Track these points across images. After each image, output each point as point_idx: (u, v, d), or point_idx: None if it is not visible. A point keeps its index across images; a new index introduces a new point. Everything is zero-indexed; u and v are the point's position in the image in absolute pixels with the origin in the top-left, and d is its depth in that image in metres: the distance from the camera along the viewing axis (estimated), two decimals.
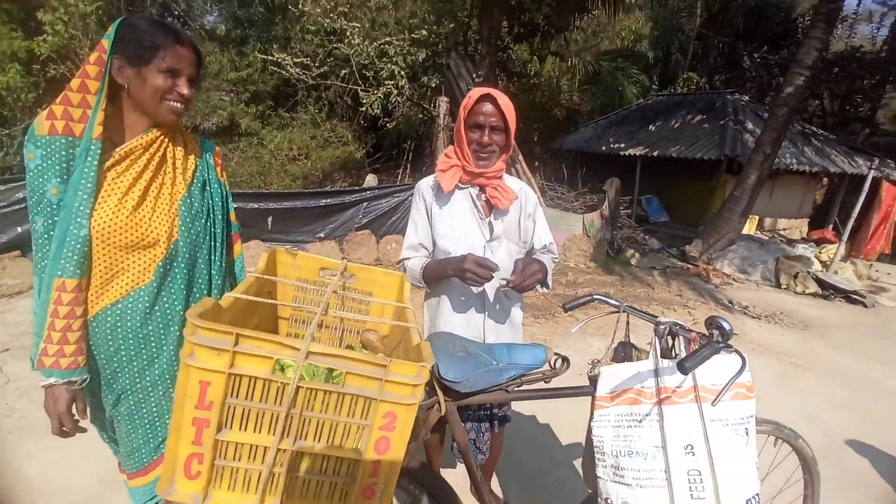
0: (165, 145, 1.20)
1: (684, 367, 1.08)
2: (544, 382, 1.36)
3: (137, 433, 1.22)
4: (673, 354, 1.45)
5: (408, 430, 0.89)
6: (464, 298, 1.60)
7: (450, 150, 1.63)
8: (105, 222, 1.10)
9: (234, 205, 1.43)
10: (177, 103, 1.14)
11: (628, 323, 1.64)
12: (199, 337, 0.80)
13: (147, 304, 1.17)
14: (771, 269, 7.20)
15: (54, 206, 1.08)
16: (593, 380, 1.47)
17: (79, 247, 1.06)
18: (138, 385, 1.20)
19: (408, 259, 1.65)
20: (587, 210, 8.10)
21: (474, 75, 7.88)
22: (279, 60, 9.04)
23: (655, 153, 10.52)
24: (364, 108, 9.04)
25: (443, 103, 7.13)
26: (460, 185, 1.60)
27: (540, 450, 2.63)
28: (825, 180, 12.60)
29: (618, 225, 8.33)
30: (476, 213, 1.60)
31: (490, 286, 1.57)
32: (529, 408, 2.95)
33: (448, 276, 1.50)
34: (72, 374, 1.09)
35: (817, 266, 7.56)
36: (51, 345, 1.06)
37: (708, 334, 1.29)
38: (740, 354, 1.22)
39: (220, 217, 1.34)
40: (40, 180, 1.06)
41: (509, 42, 10.21)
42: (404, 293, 1.34)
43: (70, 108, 1.07)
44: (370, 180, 8.85)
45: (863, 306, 6.41)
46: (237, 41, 11.56)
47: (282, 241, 5.66)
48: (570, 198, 8.87)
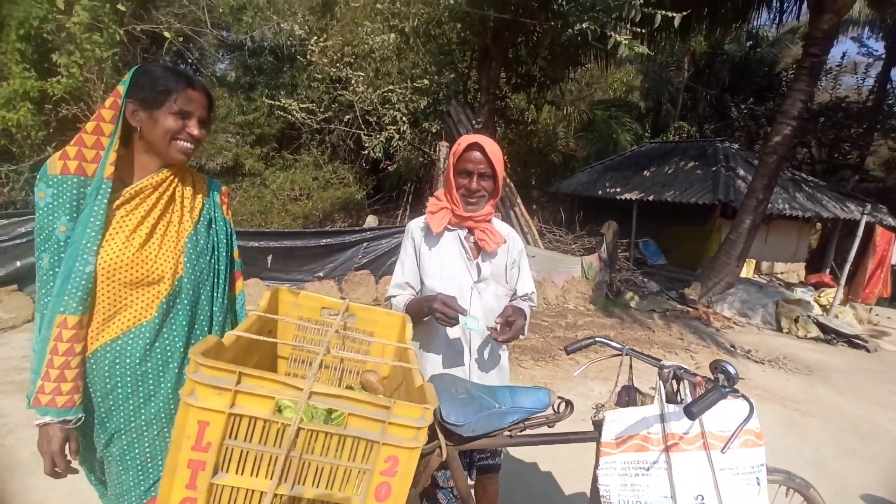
0: (174, 185, 1.23)
1: (691, 413, 1.06)
2: (548, 427, 1.33)
3: (128, 474, 1.17)
4: (678, 399, 1.43)
5: (410, 475, 0.86)
6: (450, 340, 1.61)
7: (440, 192, 1.69)
8: (112, 259, 1.11)
9: (237, 243, 1.44)
10: (187, 143, 1.18)
11: (631, 366, 1.62)
12: (200, 375, 0.79)
13: (148, 341, 1.16)
14: (771, 312, 7.18)
15: (62, 243, 1.09)
16: (597, 425, 1.44)
17: (83, 283, 1.07)
18: (133, 424, 1.17)
19: (394, 297, 1.69)
20: (585, 252, 8.16)
21: (474, 122, 8.15)
22: (286, 105, 9.37)
23: (651, 197, 10.73)
24: (366, 152, 9.28)
25: (443, 147, 7.34)
26: (449, 226, 1.64)
27: (541, 498, 2.53)
28: (818, 225, 12.80)
29: (616, 267, 8.37)
30: (464, 255, 1.63)
31: (476, 334, 1.58)
32: (530, 454, 2.85)
33: (425, 314, 1.51)
34: (67, 412, 1.07)
35: (817, 310, 7.54)
36: (48, 382, 1.05)
37: (713, 378, 1.27)
38: (747, 399, 1.20)
39: (225, 254, 1.35)
40: (50, 218, 1.09)
41: (507, 91, 10.62)
42: (406, 334, 1.33)
43: (84, 149, 1.11)
44: (371, 221, 8.95)
45: (865, 350, 6.35)
46: (246, 87, 12.02)
47: (281, 280, 5.64)
48: (568, 240, 8.96)
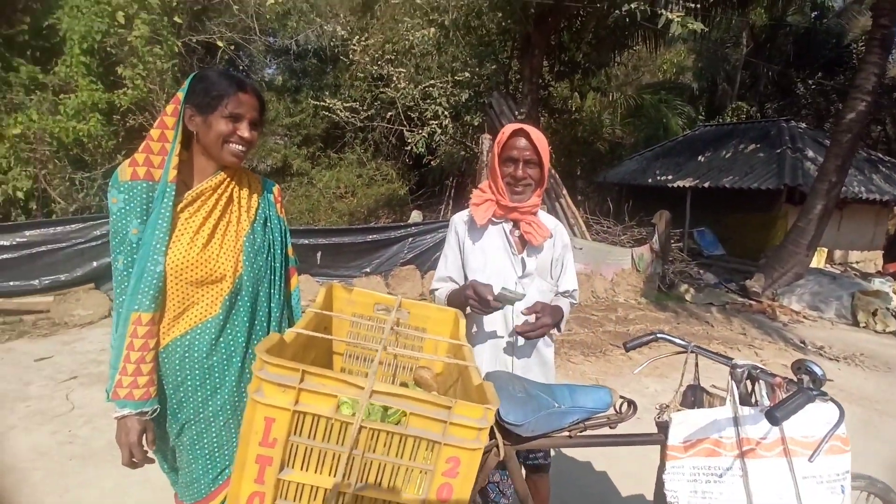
0: (232, 186, 1.27)
1: (775, 418, 0.97)
2: (609, 428, 1.27)
3: (198, 463, 1.23)
4: (753, 401, 1.32)
5: (472, 476, 0.84)
6: (492, 336, 1.57)
7: (484, 184, 1.64)
8: (178, 259, 1.16)
9: (290, 240, 1.48)
10: (238, 146, 1.21)
11: (697, 365, 1.52)
12: (266, 373, 0.80)
13: (213, 336, 1.21)
14: (846, 305, 6.61)
15: (134, 245, 1.15)
16: (662, 426, 1.36)
17: (154, 282, 1.12)
18: (201, 415, 1.22)
19: (437, 290, 1.67)
20: (635, 244, 7.84)
21: (516, 113, 8.00)
22: (330, 106, 9.59)
23: (707, 184, 10.14)
24: (409, 147, 9.34)
25: (485, 140, 7.25)
26: (494, 219, 1.59)
27: (595, 499, 2.45)
28: None
29: (669, 259, 7.98)
30: (509, 249, 1.58)
31: (513, 307, 1.52)
32: (584, 453, 2.77)
33: (463, 305, 1.48)
34: (144, 404, 1.12)
35: None
36: (125, 377, 1.11)
37: (797, 380, 1.16)
38: (837, 404, 1.09)
39: (280, 251, 1.38)
40: (123, 222, 1.14)
41: (550, 80, 10.35)
42: (460, 330, 1.31)
43: (151, 156, 1.17)
44: (415, 216, 9.02)
45: None
46: (292, 90, 12.45)
47: (330, 276, 5.80)
48: (616, 231, 8.64)
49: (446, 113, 9.08)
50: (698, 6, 5.44)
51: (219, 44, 8.16)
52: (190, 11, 7.82)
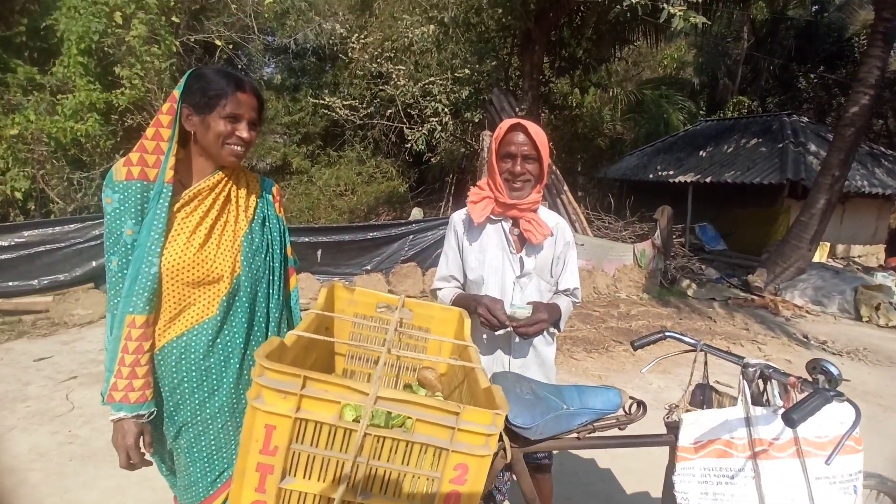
0: (230, 185, 1.24)
1: (792, 420, 0.94)
2: (618, 429, 1.24)
3: (196, 466, 1.21)
4: (764, 401, 1.30)
5: (481, 483, 0.81)
6: (489, 335, 1.54)
7: (482, 181, 1.60)
8: (174, 260, 1.13)
9: (289, 239, 1.45)
10: (237, 146, 1.18)
11: (706, 363, 1.50)
12: (266, 379, 0.77)
13: (210, 337, 1.19)
14: (849, 299, 6.58)
15: (129, 246, 1.12)
16: (672, 427, 1.34)
17: (149, 284, 1.10)
18: (199, 417, 1.20)
19: (440, 289, 1.64)
20: (637, 239, 7.80)
21: (517, 109, 7.95)
22: (329, 104, 9.54)
23: (708, 179, 10.10)
24: (409, 145, 9.30)
25: (486, 137, 7.20)
26: (492, 217, 1.55)
27: (601, 498, 2.42)
28: None
29: (671, 254, 7.95)
30: (507, 248, 1.55)
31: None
32: (587, 451, 2.74)
33: (471, 312, 1.45)
34: (140, 407, 1.10)
35: None
36: (120, 379, 1.08)
37: (812, 380, 1.13)
38: (853, 404, 1.06)
39: (279, 251, 1.36)
40: (117, 222, 1.12)
41: (550, 76, 10.28)
42: (464, 330, 1.28)
43: (145, 155, 1.14)
44: (416, 213, 8.99)
45: None
46: (291, 89, 12.39)
47: (331, 274, 5.77)
48: (618, 227, 8.60)
49: (446, 110, 9.03)
50: (700, 0, 5.39)
51: (217, 43, 8.11)
52: (188, 11, 7.77)
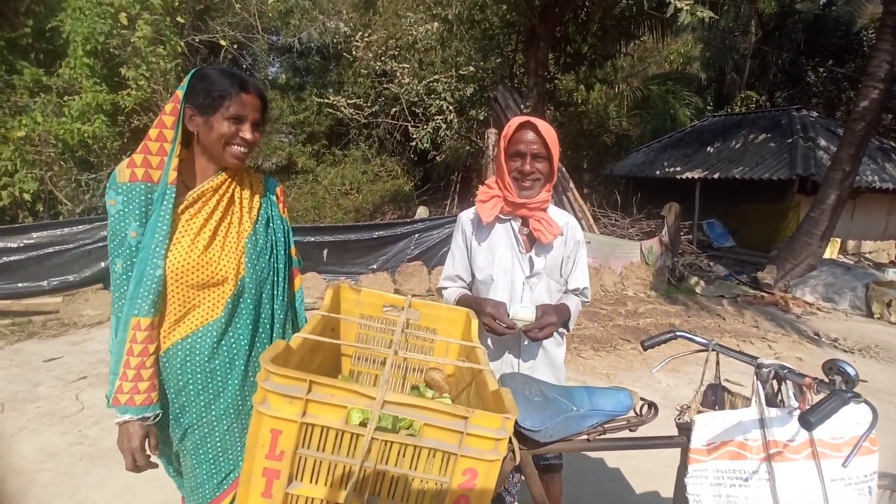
0: (233, 187, 1.23)
1: (809, 423, 0.92)
2: (629, 431, 1.22)
3: (202, 468, 1.21)
4: (779, 401, 1.27)
5: (490, 488, 0.80)
6: (497, 336, 1.50)
7: (491, 180, 1.58)
8: (179, 262, 1.12)
9: (294, 240, 1.44)
10: (240, 148, 1.17)
11: (717, 363, 1.47)
12: (271, 384, 0.76)
13: (215, 339, 1.18)
14: (861, 296, 6.49)
15: (133, 249, 1.11)
16: (683, 428, 1.31)
17: (154, 286, 1.09)
18: (204, 419, 1.19)
19: (445, 289, 1.64)
20: (644, 236, 7.75)
21: (522, 106, 7.91)
22: (334, 103, 9.55)
23: (716, 175, 9.99)
24: (414, 143, 9.29)
25: (491, 135, 7.17)
26: (501, 216, 1.54)
27: (611, 498, 2.41)
28: None
29: (679, 251, 7.88)
30: (516, 248, 1.53)
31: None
32: (597, 451, 2.73)
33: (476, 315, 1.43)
34: (145, 409, 1.10)
35: None
36: (126, 382, 1.08)
37: (828, 380, 1.11)
38: (870, 405, 1.04)
39: (283, 252, 1.35)
40: (121, 224, 1.11)
41: (555, 72, 10.22)
42: (471, 331, 1.26)
43: (149, 157, 1.13)
44: (422, 212, 8.98)
45: None
46: (296, 88, 12.41)
47: (337, 273, 5.77)
48: (624, 224, 8.54)
49: (451, 108, 9.00)
50: None
51: (222, 43, 8.13)
52: (192, 11, 7.79)
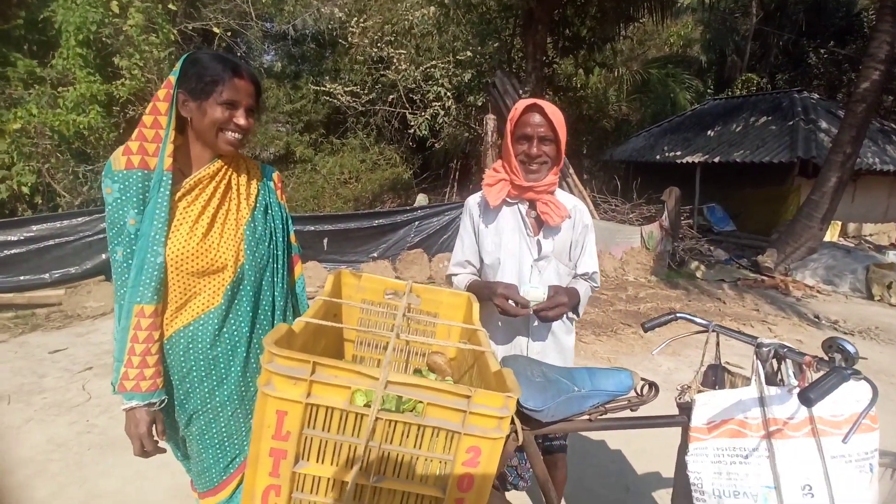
0: (230, 174, 1.22)
1: (809, 399, 0.92)
2: (630, 411, 1.23)
3: (208, 453, 1.22)
4: (778, 380, 1.28)
5: (494, 465, 0.81)
6: (507, 320, 1.51)
7: (497, 164, 1.57)
8: (178, 250, 1.12)
9: (293, 227, 1.43)
10: (234, 134, 1.16)
11: (718, 344, 1.48)
12: (276, 365, 0.77)
13: (216, 326, 1.18)
14: (861, 279, 6.51)
15: (133, 236, 1.11)
16: (684, 408, 1.33)
17: (156, 273, 1.09)
18: (209, 405, 1.21)
19: (455, 275, 1.63)
20: (644, 222, 7.74)
21: (520, 91, 7.84)
22: (331, 90, 9.45)
23: (716, 159, 9.95)
24: (412, 130, 9.23)
25: (490, 121, 7.12)
26: (508, 200, 1.53)
27: (613, 478, 2.44)
28: None
29: (679, 236, 7.88)
30: (524, 231, 1.52)
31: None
32: (599, 433, 2.76)
33: (485, 299, 1.44)
34: (151, 395, 1.11)
35: None
36: (131, 368, 1.09)
37: (828, 358, 1.11)
38: (870, 382, 1.05)
39: (282, 239, 1.35)
40: (119, 212, 1.11)
41: (554, 56, 10.11)
42: (473, 314, 1.27)
43: (145, 144, 1.11)
44: (421, 199, 8.95)
45: None
46: (291, 76, 12.28)
47: (337, 262, 5.78)
48: (624, 210, 8.53)
49: (449, 94, 8.93)
50: None
51: (215, 30, 8.01)
52: None
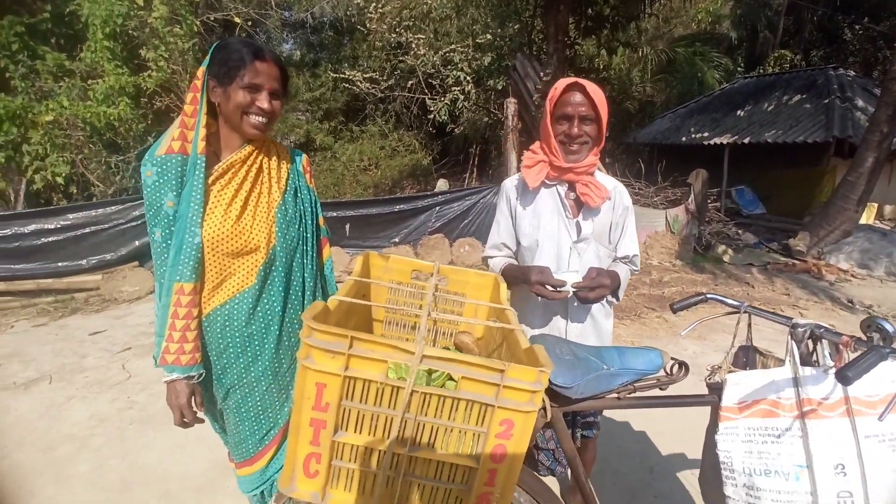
0: (261, 158, 1.26)
1: (846, 377, 0.91)
2: (660, 390, 1.23)
3: (244, 425, 1.28)
4: (813, 361, 1.26)
5: (526, 438, 0.83)
6: (546, 302, 1.51)
7: (536, 145, 1.56)
8: (214, 232, 1.17)
9: (321, 210, 1.46)
10: (258, 118, 1.18)
11: (749, 325, 1.46)
12: (315, 339, 0.80)
13: (251, 305, 1.23)
14: None
15: (171, 218, 1.16)
16: (714, 388, 1.32)
17: (193, 253, 1.14)
18: (244, 380, 1.26)
19: (491, 258, 1.63)
20: (669, 205, 7.57)
21: (542, 74, 7.69)
22: (350, 77, 9.45)
23: (746, 140, 9.60)
24: (431, 116, 9.17)
25: (510, 105, 7.01)
26: (547, 181, 1.52)
27: (637, 459, 2.44)
28: None
29: (706, 219, 7.68)
30: (563, 213, 1.51)
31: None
32: (622, 414, 2.77)
33: (521, 283, 1.43)
34: (191, 369, 1.16)
35: None
36: (172, 343, 1.14)
37: (866, 338, 1.09)
38: None
39: (311, 222, 1.38)
40: (157, 195, 1.15)
41: (576, 37, 9.84)
42: (500, 294, 1.28)
43: (185, 130, 1.16)
44: (441, 184, 8.94)
45: None
46: (310, 64, 12.32)
47: (360, 248, 5.85)
48: (649, 193, 8.34)
49: (468, 78, 8.82)
50: None
51: (236, 20, 8.08)
52: None
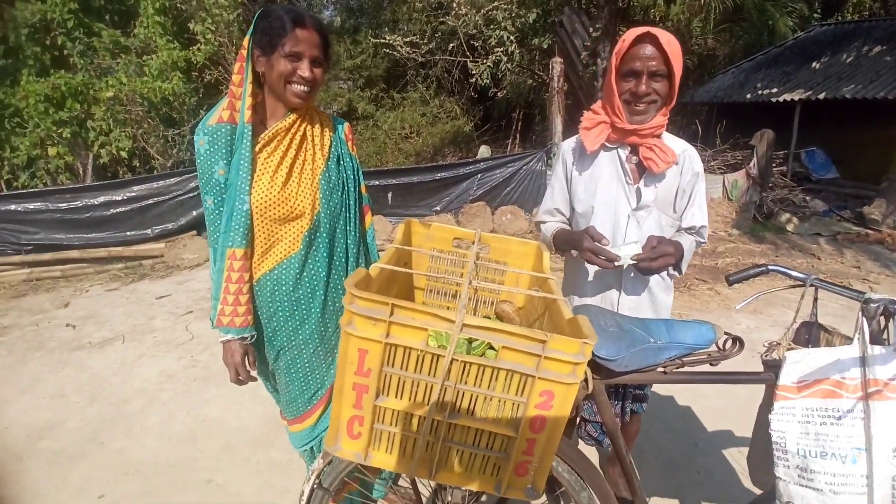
0: (304, 126, 1.28)
1: None
2: (710, 365, 1.18)
3: (294, 385, 1.35)
4: (884, 339, 1.16)
5: (566, 410, 0.82)
6: (599, 272, 1.45)
7: (597, 105, 1.44)
8: (262, 198, 1.20)
9: (363, 178, 1.47)
10: (300, 86, 1.18)
11: (815, 300, 1.35)
12: (356, 306, 0.81)
13: (297, 271, 1.28)
14: None
15: (222, 185, 1.20)
16: (770, 365, 1.25)
17: (243, 220, 1.19)
18: (293, 342, 1.32)
19: (543, 223, 1.57)
20: (728, 170, 7.07)
21: (591, 30, 7.23)
22: (390, 42, 9.29)
23: (821, 96, 8.68)
24: (473, 80, 8.91)
25: (556, 65, 6.67)
26: (607, 144, 1.41)
27: (681, 435, 2.40)
28: None
29: (769, 185, 7.13)
30: (623, 178, 1.40)
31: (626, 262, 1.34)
32: (666, 389, 2.70)
33: (574, 248, 1.37)
34: (244, 331, 1.23)
35: None
36: (226, 306, 1.21)
37: None
38: None
39: (353, 189, 1.40)
40: (209, 163, 1.19)
41: None
42: (543, 263, 1.25)
43: (233, 100, 1.19)
44: (483, 151, 8.78)
45: None
46: (351, 30, 12.21)
47: (401, 216, 5.91)
48: (706, 156, 7.79)
49: (512, 38, 8.43)
50: None
51: None
52: None
